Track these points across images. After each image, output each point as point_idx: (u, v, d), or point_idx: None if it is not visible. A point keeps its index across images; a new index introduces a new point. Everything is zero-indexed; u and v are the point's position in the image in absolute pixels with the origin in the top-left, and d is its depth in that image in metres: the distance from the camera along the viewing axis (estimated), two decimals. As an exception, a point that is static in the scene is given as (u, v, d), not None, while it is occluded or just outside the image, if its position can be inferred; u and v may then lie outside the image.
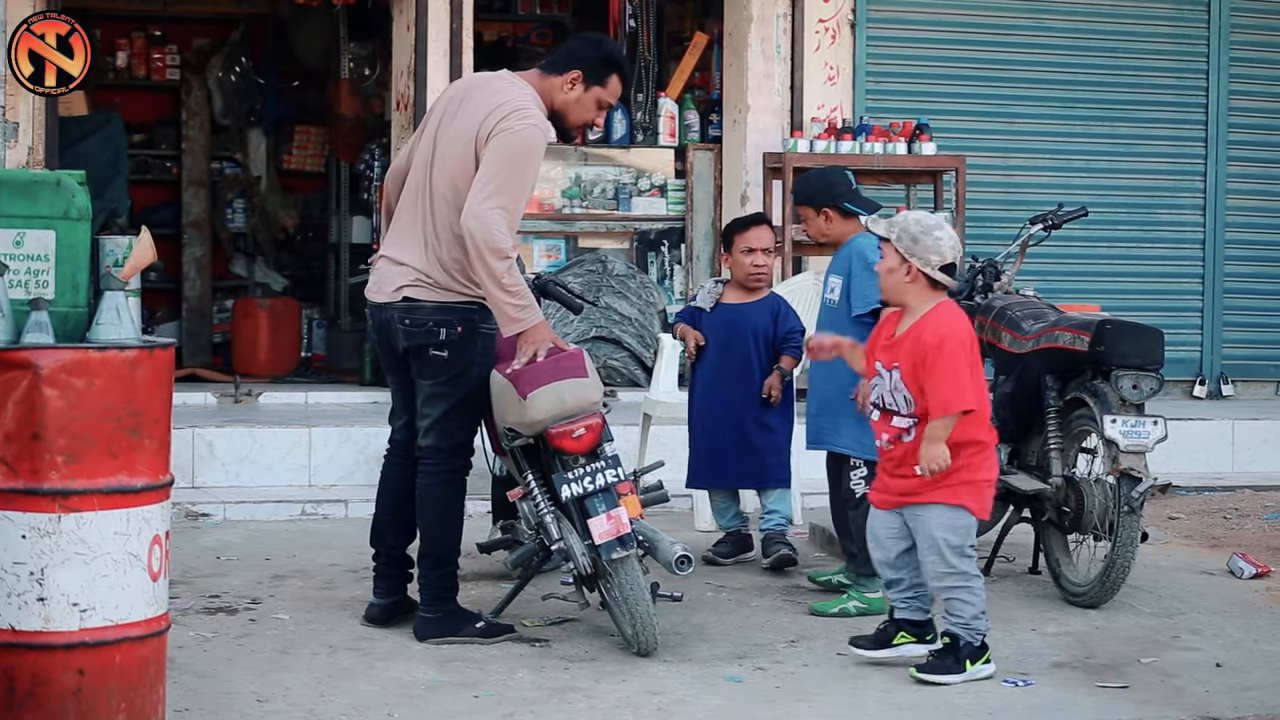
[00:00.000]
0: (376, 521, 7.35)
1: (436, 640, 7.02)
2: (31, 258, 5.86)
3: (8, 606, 5.30)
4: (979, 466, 6.73)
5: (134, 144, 14.86)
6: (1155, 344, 7.79)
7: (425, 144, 7.07)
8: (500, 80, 7.11)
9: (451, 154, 6.93)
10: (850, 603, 7.67)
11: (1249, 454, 11.81)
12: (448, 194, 6.92)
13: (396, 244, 7.06)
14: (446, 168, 6.94)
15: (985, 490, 6.79)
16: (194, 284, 15.35)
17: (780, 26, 12.36)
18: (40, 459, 5.28)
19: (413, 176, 7.09)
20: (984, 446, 6.75)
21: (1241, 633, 7.54)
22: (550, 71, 7.14)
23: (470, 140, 6.89)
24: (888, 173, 12.12)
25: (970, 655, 6.71)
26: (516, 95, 6.98)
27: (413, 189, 7.06)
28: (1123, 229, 13.12)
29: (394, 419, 7.36)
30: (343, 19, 14.27)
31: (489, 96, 6.97)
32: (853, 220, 7.75)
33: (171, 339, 6.11)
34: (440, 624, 7.07)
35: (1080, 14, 13.06)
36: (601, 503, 6.86)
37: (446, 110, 7.08)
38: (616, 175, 12.77)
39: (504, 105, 6.91)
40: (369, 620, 7.25)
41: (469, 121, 6.93)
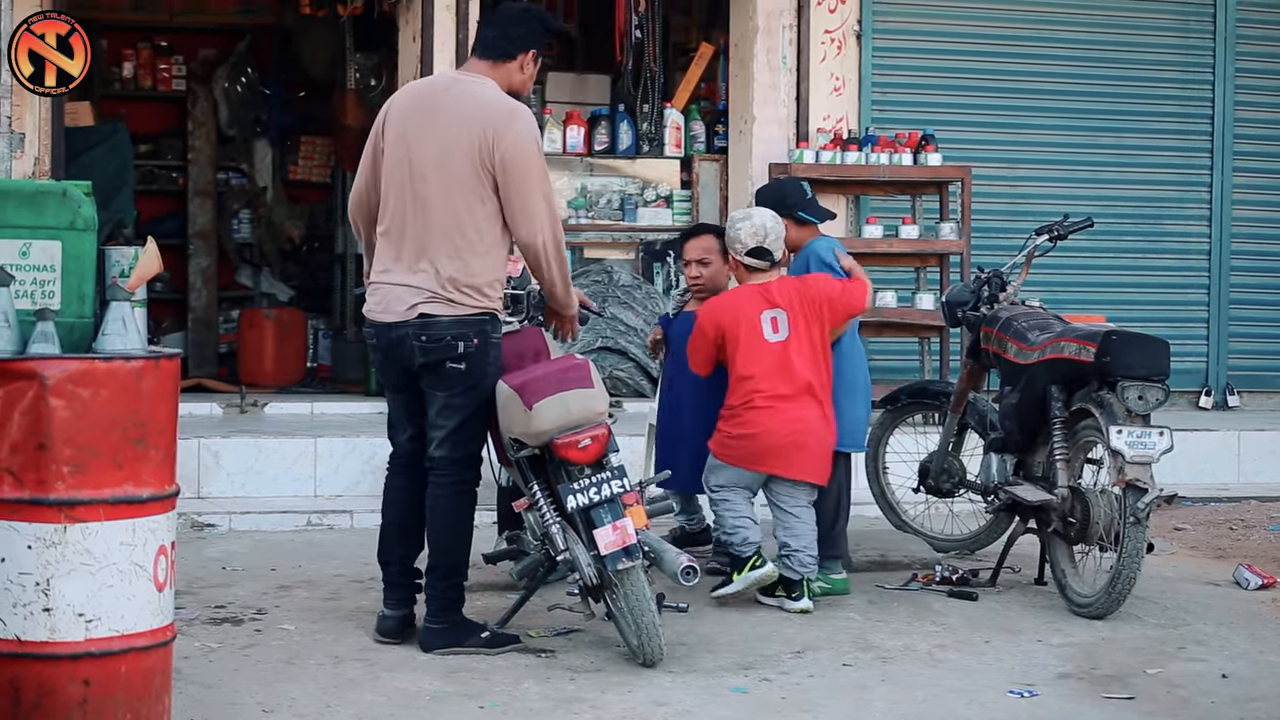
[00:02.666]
0: (384, 534, 7.33)
1: (443, 651, 7.02)
2: (38, 268, 5.87)
3: (13, 617, 5.30)
4: (725, 421, 8.01)
5: (140, 154, 14.88)
6: (1161, 355, 7.79)
7: (397, 165, 7.01)
8: (462, 84, 7.08)
9: (447, 171, 6.90)
10: (815, 583, 8.13)
11: (1255, 465, 11.80)
12: (449, 212, 6.90)
13: (395, 266, 7.02)
14: (444, 185, 6.91)
15: (725, 440, 7.99)
16: (200, 294, 15.35)
17: (786, 38, 12.37)
18: (46, 469, 5.29)
19: (394, 200, 7.02)
20: (730, 410, 8.01)
21: (1247, 644, 7.53)
22: (501, 59, 7.13)
23: (472, 155, 6.88)
24: (893, 184, 12.12)
25: (737, 566, 7.92)
26: (492, 95, 7.02)
27: (399, 212, 7.00)
28: (1128, 240, 13.12)
29: (395, 433, 7.34)
30: (348, 29, 14.27)
31: (467, 104, 6.96)
32: (809, 228, 8.41)
33: (177, 349, 6.13)
34: (446, 635, 7.07)
35: (1086, 25, 13.06)
36: (607, 513, 6.86)
37: (409, 125, 7.02)
38: (622, 186, 12.78)
39: (493, 112, 6.94)
40: (383, 633, 7.22)
41: (460, 134, 6.90)
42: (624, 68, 13.01)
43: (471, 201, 6.89)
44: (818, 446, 7.99)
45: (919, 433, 9.62)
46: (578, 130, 12.58)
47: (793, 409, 7.93)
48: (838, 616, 7.87)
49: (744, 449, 7.96)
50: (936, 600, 8.20)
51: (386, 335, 7.06)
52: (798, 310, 8.00)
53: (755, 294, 8.03)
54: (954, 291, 9.39)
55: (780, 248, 8.06)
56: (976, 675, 6.96)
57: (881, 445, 9.53)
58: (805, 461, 7.96)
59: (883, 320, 11.80)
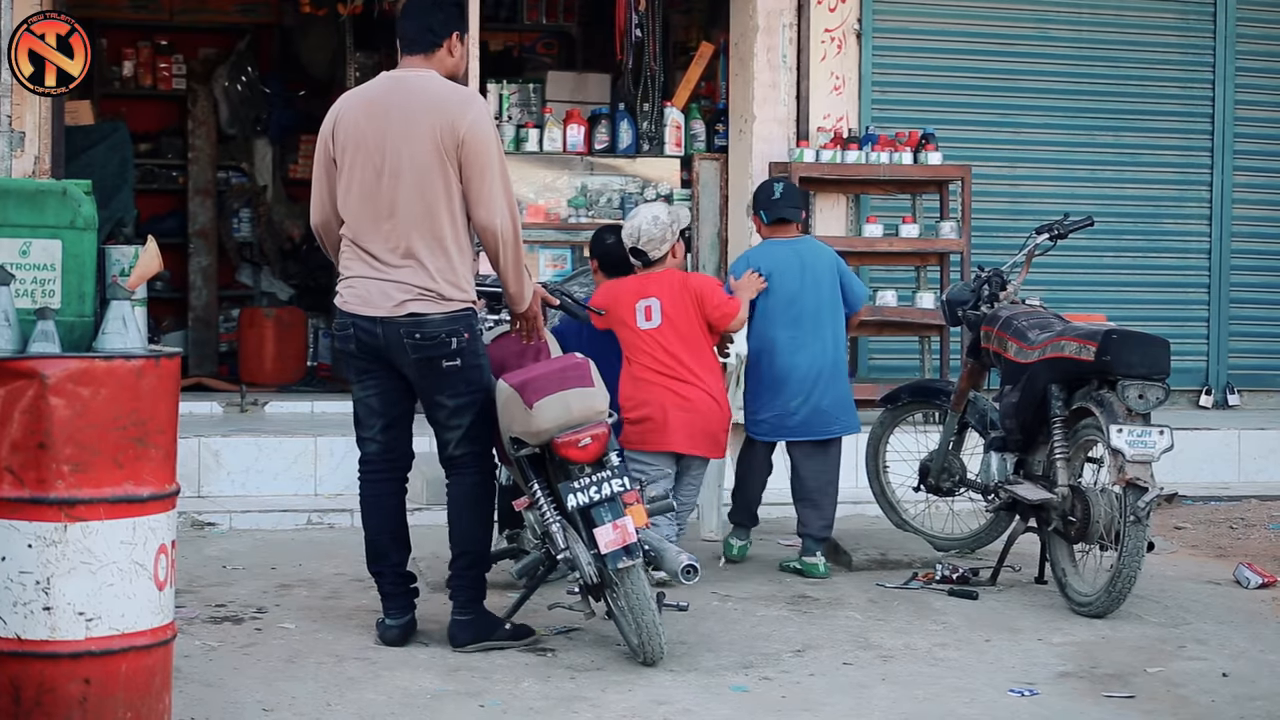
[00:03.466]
0: (373, 544, 7.28)
1: (473, 646, 7.05)
2: (38, 267, 5.87)
3: (14, 615, 5.30)
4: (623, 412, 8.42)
5: (140, 153, 14.87)
6: (1161, 354, 7.79)
7: (360, 168, 6.99)
8: (408, 80, 7.07)
9: (416, 166, 6.89)
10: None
11: (1255, 464, 11.81)
12: (423, 208, 6.90)
13: (371, 265, 7.02)
14: (416, 180, 6.90)
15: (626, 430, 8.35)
16: (200, 293, 15.35)
17: (786, 36, 12.36)
18: (46, 468, 5.29)
19: (358, 203, 7.00)
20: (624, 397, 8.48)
21: (1248, 642, 7.53)
22: (429, 49, 7.13)
23: (437, 145, 6.88)
24: (894, 182, 12.11)
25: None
26: (443, 85, 7.04)
27: (367, 215, 6.99)
28: (1129, 239, 13.11)
29: (364, 431, 7.27)
30: (348, 28, 14.26)
31: (421, 98, 6.96)
32: (781, 226, 9.07)
33: (177, 348, 6.13)
34: (474, 626, 7.11)
35: (1086, 24, 13.05)
36: (607, 512, 6.87)
37: (365, 129, 6.99)
38: (622, 185, 12.76)
39: (450, 100, 6.96)
40: (388, 643, 7.18)
41: (420, 127, 6.89)
42: (624, 67, 13.00)
43: (442, 195, 6.91)
44: (704, 423, 8.45)
45: (919, 431, 9.63)
46: (578, 129, 12.57)
47: (676, 388, 8.46)
48: (838, 615, 7.88)
49: (639, 433, 8.43)
50: (937, 599, 8.20)
51: (369, 329, 7.02)
52: (670, 299, 8.51)
53: (633, 284, 8.59)
54: (954, 290, 9.39)
55: (659, 248, 8.56)
56: (977, 674, 6.96)
57: (882, 444, 9.55)
58: (695, 438, 8.47)
59: (883, 319, 11.79)
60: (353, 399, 7.29)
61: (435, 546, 8.15)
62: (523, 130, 12.47)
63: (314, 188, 7.23)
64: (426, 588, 7.72)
